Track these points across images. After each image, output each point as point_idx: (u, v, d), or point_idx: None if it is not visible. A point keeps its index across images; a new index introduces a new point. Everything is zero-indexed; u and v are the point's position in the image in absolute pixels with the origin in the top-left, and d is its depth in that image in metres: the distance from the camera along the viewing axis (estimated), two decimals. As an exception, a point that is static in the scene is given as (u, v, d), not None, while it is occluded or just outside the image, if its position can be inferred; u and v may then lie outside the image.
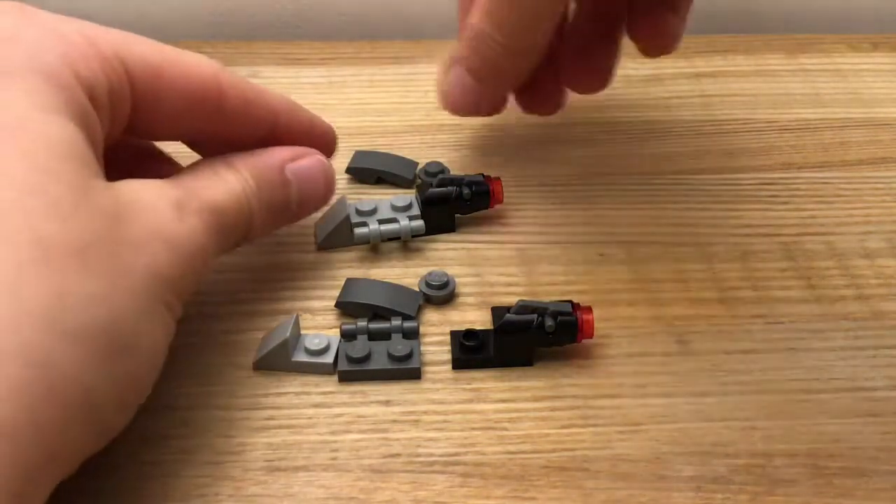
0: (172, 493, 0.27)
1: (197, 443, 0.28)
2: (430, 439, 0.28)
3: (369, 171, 0.38)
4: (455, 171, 0.38)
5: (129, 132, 0.28)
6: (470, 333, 0.31)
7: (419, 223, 0.35)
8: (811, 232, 0.36)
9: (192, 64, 0.29)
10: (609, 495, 0.27)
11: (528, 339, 0.30)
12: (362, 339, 0.31)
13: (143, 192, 0.26)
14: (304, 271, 0.34)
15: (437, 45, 0.47)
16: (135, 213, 0.25)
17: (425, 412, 0.29)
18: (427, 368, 0.31)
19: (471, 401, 0.30)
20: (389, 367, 0.30)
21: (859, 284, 0.34)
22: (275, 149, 0.31)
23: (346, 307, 0.32)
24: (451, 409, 0.29)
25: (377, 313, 0.32)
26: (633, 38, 0.36)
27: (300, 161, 0.31)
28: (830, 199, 0.38)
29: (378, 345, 0.31)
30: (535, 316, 0.30)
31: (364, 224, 0.35)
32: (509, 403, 0.30)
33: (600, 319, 0.31)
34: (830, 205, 0.37)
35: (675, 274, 0.34)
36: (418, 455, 0.28)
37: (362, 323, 0.31)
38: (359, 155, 0.38)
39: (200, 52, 0.29)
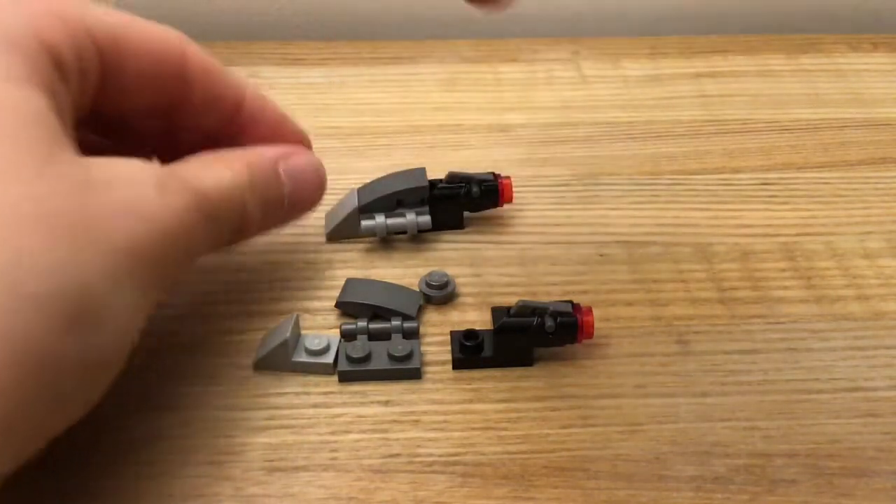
0: (172, 493, 0.27)
1: (197, 443, 0.28)
2: (430, 439, 0.28)
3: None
4: (455, 170, 0.38)
5: (97, 104, 0.28)
6: (470, 333, 0.31)
7: (426, 218, 0.35)
8: (811, 232, 0.36)
9: (156, 30, 0.28)
10: (609, 495, 0.27)
11: (528, 340, 0.30)
12: (362, 339, 0.31)
13: (120, 167, 0.25)
14: (304, 271, 0.34)
15: (438, 44, 0.47)
16: (108, 185, 0.24)
17: (425, 412, 0.29)
18: (427, 368, 0.31)
19: (471, 401, 0.30)
20: (389, 367, 0.30)
21: (859, 284, 0.34)
22: (268, 146, 0.30)
23: (346, 307, 0.32)
24: (451, 409, 0.29)
25: (377, 313, 0.32)
26: None
27: (294, 158, 0.31)
28: (830, 199, 0.38)
29: (378, 345, 0.31)
30: (535, 316, 0.30)
31: (371, 217, 0.35)
32: (509, 403, 0.30)
33: (600, 319, 0.31)
34: (830, 205, 0.37)
35: (675, 274, 0.34)
36: (418, 455, 0.28)
37: (362, 323, 0.31)
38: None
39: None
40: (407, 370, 0.30)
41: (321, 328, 0.32)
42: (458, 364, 0.31)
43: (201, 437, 0.28)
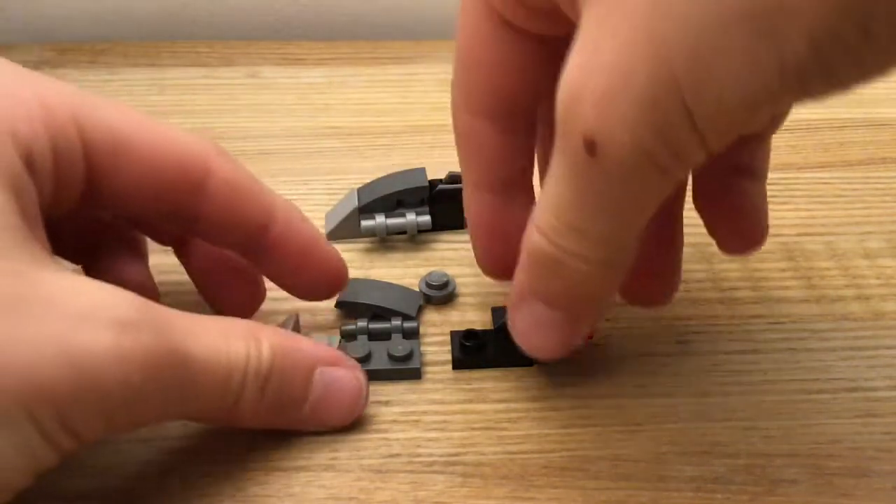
0: (173, 493, 0.27)
1: (197, 443, 0.28)
2: (430, 439, 0.28)
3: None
4: (455, 171, 0.38)
5: (88, 203, 0.26)
6: (470, 334, 0.31)
7: (426, 218, 0.35)
8: (811, 232, 0.36)
9: (174, 138, 0.26)
10: (609, 495, 0.27)
11: None
12: (362, 339, 0.31)
13: (83, 296, 0.22)
14: (304, 271, 0.34)
15: (437, 45, 0.47)
16: (43, 312, 0.21)
17: (425, 412, 0.29)
18: (427, 368, 0.31)
19: (471, 401, 0.30)
20: (389, 367, 0.30)
21: (859, 284, 0.34)
22: (318, 344, 0.28)
23: (346, 307, 0.32)
24: (451, 409, 0.29)
25: (377, 313, 0.32)
26: (711, 228, 0.30)
27: (338, 371, 0.28)
28: (830, 199, 0.38)
29: (378, 345, 0.31)
30: None
31: (371, 217, 0.35)
32: (509, 403, 0.30)
33: (600, 319, 0.31)
34: (830, 205, 0.37)
35: (675, 274, 0.34)
36: (418, 455, 0.28)
37: (362, 323, 0.31)
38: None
39: (199, 52, 0.29)
40: (407, 370, 0.30)
41: (321, 328, 0.32)
42: (458, 364, 0.31)
43: (202, 437, 0.28)
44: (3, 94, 0.24)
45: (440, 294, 0.33)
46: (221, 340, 0.25)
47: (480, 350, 0.30)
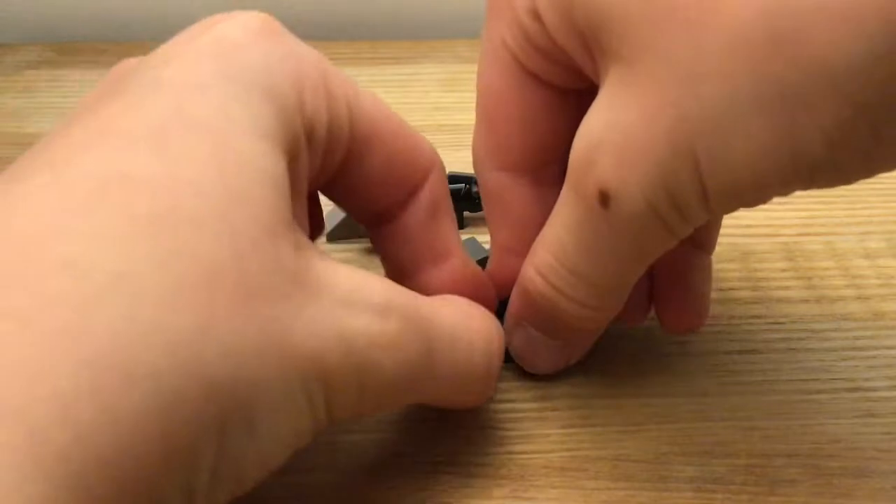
0: (172, 493, 0.27)
1: (197, 443, 0.28)
2: (431, 439, 0.28)
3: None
4: (455, 171, 0.38)
5: (327, 187, 0.26)
6: None
7: None
8: (811, 232, 0.36)
9: (413, 140, 0.26)
10: (609, 495, 0.27)
11: None
12: None
13: (344, 279, 0.22)
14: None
15: (437, 45, 0.47)
16: (318, 292, 0.21)
17: (425, 412, 0.29)
18: (427, 368, 0.31)
19: (471, 401, 0.30)
20: None
21: (859, 285, 0.34)
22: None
23: None
24: (452, 409, 0.29)
25: None
26: (656, 300, 0.30)
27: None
28: (830, 199, 0.38)
29: None
30: None
31: None
32: (509, 403, 0.30)
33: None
34: (830, 205, 0.37)
35: (675, 274, 0.34)
36: (418, 455, 0.28)
37: None
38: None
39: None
40: None
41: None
42: None
43: (201, 437, 0.28)
44: (293, 58, 0.23)
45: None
46: (466, 321, 0.25)
47: None
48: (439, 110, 0.36)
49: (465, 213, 0.36)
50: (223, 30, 0.23)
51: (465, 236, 0.35)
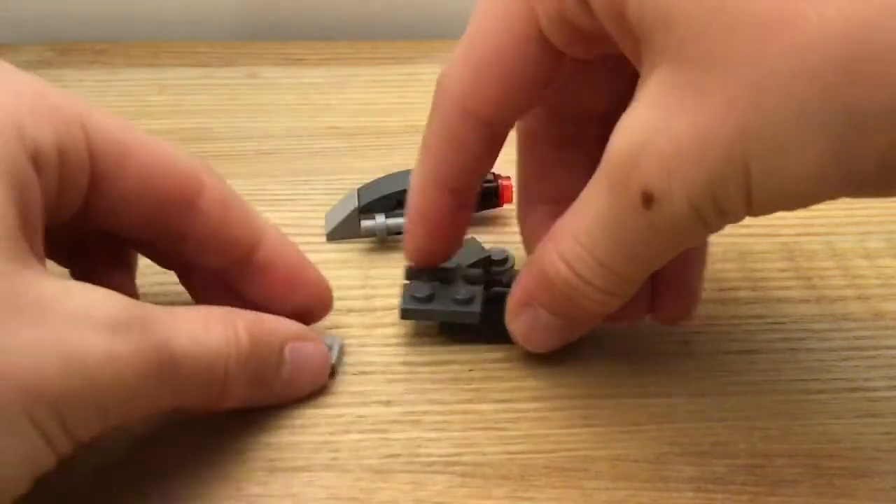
0: (172, 493, 0.27)
1: (198, 442, 0.28)
2: (430, 439, 0.28)
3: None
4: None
5: (85, 213, 0.26)
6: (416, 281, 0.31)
7: None
8: (811, 232, 0.36)
9: (172, 154, 0.27)
10: (609, 495, 0.27)
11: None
12: (427, 280, 0.31)
13: (74, 299, 0.22)
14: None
15: (437, 45, 0.47)
16: (38, 315, 0.21)
17: (425, 412, 0.29)
18: (426, 368, 0.31)
19: (471, 401, 0.30)
20: (451, 308, 0.30)
21: (859, 285, 0.34)
22: (283, 320, 0.29)
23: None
24: (451, 409, 0.29)
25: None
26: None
27: (304, 345, 0.29)
28: (830, 199, 0.38)
29: (442, 288, 0.31)
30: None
31: (371, 217, 0.35)
32: (509, 403, 0.30)
33: (600, 319, 0.31)
34: (830, 205, 0.37)
35: (675, 274, 0.34)
36: (418, 455, 0.28)
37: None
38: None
39: (199, 52, 0.29)
40: (466, 313, 0.30)
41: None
42: (405, 315, 0.31)
43: (201, 437, 0.28)
44: (7, 91, 0.24)
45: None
46: (203, 330, 0.25)
47: (429, 300, 0.30)
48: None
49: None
50: None
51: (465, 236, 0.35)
